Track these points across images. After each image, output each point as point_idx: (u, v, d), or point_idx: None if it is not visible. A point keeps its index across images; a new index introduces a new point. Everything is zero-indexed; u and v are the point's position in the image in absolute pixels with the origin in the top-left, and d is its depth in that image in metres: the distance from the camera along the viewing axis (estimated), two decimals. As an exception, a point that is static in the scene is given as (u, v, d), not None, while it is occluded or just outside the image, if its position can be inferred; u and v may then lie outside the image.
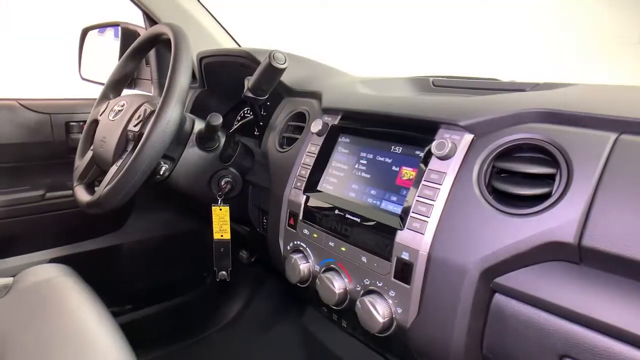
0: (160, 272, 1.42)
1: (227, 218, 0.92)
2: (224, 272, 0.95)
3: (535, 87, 0.67)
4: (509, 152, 0.51)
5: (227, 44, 1.30)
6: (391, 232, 0.56)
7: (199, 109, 1.15)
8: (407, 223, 0.54)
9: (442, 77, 0.90)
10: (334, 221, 0.64)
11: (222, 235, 0.92)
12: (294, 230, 0.71)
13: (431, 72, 0.93)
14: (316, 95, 0.79)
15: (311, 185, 0.70)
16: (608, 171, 0.43)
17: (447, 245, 0.51)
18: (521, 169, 0.49)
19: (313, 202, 0.69)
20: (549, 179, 0.47)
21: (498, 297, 0.49)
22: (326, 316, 0.74)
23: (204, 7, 1.24)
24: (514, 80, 0.75)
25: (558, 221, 0.44)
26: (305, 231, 0.69)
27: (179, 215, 1.41)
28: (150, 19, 1.18)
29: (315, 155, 0.71)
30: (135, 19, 1.29)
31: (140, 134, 0.79)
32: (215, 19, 1.27)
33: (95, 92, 1.06)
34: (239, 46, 1.32)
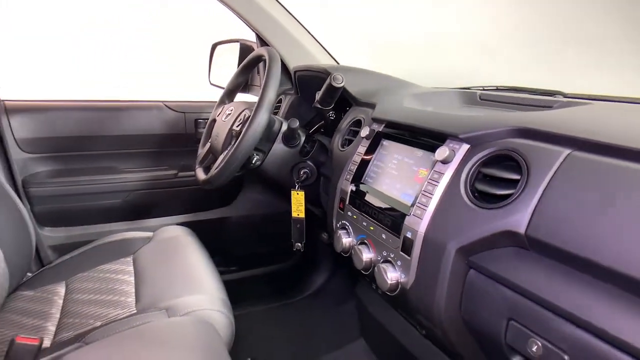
0: (259, 243, 1.72)
1: (303, 201, 1.15)
2: (298, 244, 1.19)
3: (563, 104, 0.77)
4: (494, 160, 0.64)
5: (324, 59, 1.52)
6: (403, 216, 0.73)
7: (292, 112, 1.41)
8: (412, 210, 0.71)
9: (494, 87, 1.01)
10: (368, 206, 0.83)
11: (298, 214, 1.16)
12: (342, 212, 0.91)
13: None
14: (372, 106, 0.98)
15: (357, 178, 0.89)
16: (555, 179, 0.55)
17: (436, 228, 0.66)
18: (496, 174, 0.62)
19: (357, 191, 0.88)
20: (516, 182, 0.60)
21: (471, 272, 0.63)
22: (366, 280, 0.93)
23: (304, 27, 1.48)
24: (555, 98, 0.84)
25: (513, 216, 0.57)
26: (349, 213, 0.88)
27: (275, 199, 1.70)
28: (260, 38, 1.46)
29: (362, 155, 0.90)
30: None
31: (240, 133, 1.06)
32: (314, 38, 1.50)
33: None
34: (336, 61, 1.54)
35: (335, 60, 1.54)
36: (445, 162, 0.69)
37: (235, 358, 0.87)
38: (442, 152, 0.69)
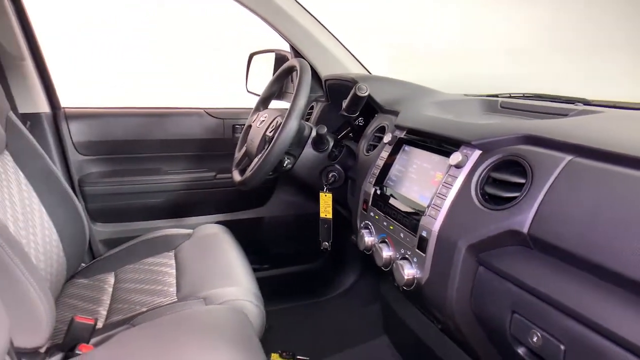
0: (290, 242, 1.81)
1: (330, 202, 1.22)
2: (326, 243, 1.26)
3: (578, 112, 0.81)
4: (502, 165, 0.69)
5: (355, 68, 1.59)
6: (419, 216, 0.78)
7: (323, 118, 1.48)
8: (428, 211, 0.77)
9: (520, 95, 1.06)
10: (389, 207, 0.89)
11: (326, 215, 1.23)
12: (365, 212, 0.97)
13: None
14: (395, 113, 1.04)
15: (379, 181, 0.95)
16: (557, 183, 0.60)
17: (449, 227, 0.72)
18: (504, 178, 0.67)
19: (379, 194, 0.94)
20: (522, 186, 0.65)
21: (480, 268, 0.68)
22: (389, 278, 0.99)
23: (335, 38, 1.55)
24: (574, 106, 0.88)
25: (517, 216, 0.62)
26: (372, 213, 0.95)
27: (306, 201, 1.78)
28: (294, 49, 1.55)
29: (385, 160, 0.96)
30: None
31: (272, 138, 1.14)
32: (346, 48, 1.58)
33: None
34: (367, 70, 1.61)
35: (367, 69, 1.61)
36: (458, 166, 0.74)
37: (265, 349, 0.94)
38: (455, 157, 0.74)
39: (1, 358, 0.79)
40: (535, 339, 0.59)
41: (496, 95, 1.12)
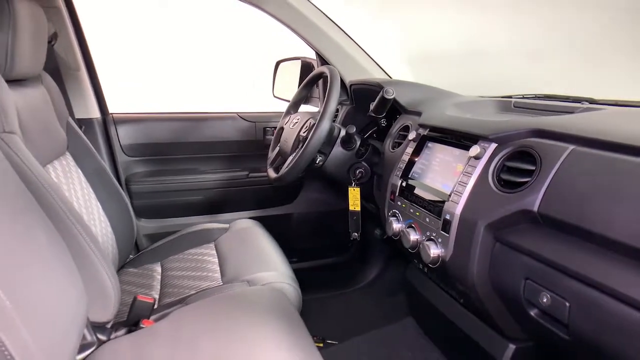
0: (317, 237, 1.93)
1: (358, 196, 1.34)
2: (355, 234, 1.37)
3: (584, 110, 0.92)
4: (515, 155, 0.80)
5: (377, 74, 1.71)
6: (442, 202, 0.90)
7: (348, 119, 1.61)
8: (450, 197, 0.88)
9: (532, 95, 1.16)
10: (415, 197, 1.00)
11: (354, 208, 1.35)
12: (393, 202, 1.09)
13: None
14: (418, 114, 1.16)
15: (405, 174, 1.07)
16: (561, 169, 0.71)
17: (469, 210, 0.83)
18: (517, 166, 0.78)
19: (405, 185, 1.06)
20: (532, 172, 0.76)
21: (497, 244, 0.80)
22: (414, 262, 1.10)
23: (358, 45, 1.68)
24: (580, 104, 0.98)
25: (528, 198, 0.73)
26: (399, 203, 1.06)
27: (333, 198, 1.90)
28: (320, 56, 1.68)
29: (410, 155, 1.07)
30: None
31: (306, 138, 1.26)
32: (368, 55, 1.70)
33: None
34: (388, 75, 1.72)
35: (388, 75, 1.73)
36: (477, 157, 0.86)
37: None
38: (474, 149, 0.85)
39: (82, 329, 0.93)
40: (545, 300, 0.70)
41: (510, 97, 1.23)
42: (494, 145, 0.84)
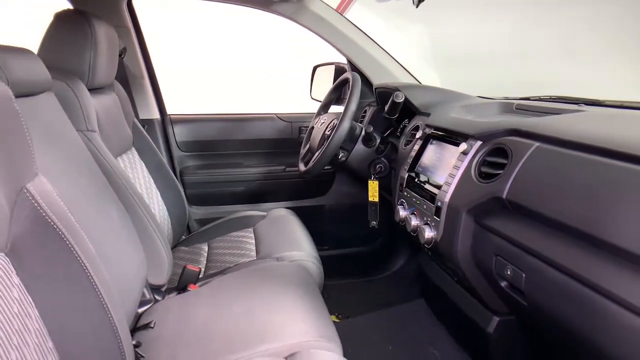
0: (348, 227, 2.10)
1: (377, 188, 1.50)
2: (374, 222, 1.54)
3: (570, 111, 1.03)
4: (494, 151, 0.94)
5: (405, 78, 1.86)
6: (436, 192, 1.05)
7: (374, 119, 1.76)
8: (442, 187, 1.03)
9: (537, 98, 1.27)
10: (417, 187, 1.16)
11: (373, 199, 1.51)
12: (401, 193, 1.25)
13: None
14: (428, 115, 1.30)
15: (412, 168, 1.22)
16: (527, 162, 0.84)
17: (455, 198, 0.98)
18: (494, 160, 0.92)
19: (411, 177, 1.21)
20: (505, 165, 0.89)
21: (476, 227, 0.94)
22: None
23: (386, 52, 1.83)
24: (577, 106, 1.09)
25: (499, 186, 0.86)
26: (405, 193, 1.22)
27: (360, 192, 2.06)
28: (350, 63, 1.85)
29: (416, 151, 1.23)
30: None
31: (329, 136, 1.44)
32: (396, 60, 1.85)
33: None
34: (417, 80, 1.86)
35: (416, 79, 1.86)
36: (465, 153, 1.00)
37: None
38: (463, 146, 1.00)
39: (142, 286, 1.16)
40: (509, 272, 0.84)
41: (528, 98, 1.34)
42: (479, 143, 0.98)
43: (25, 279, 0.62)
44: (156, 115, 1.88)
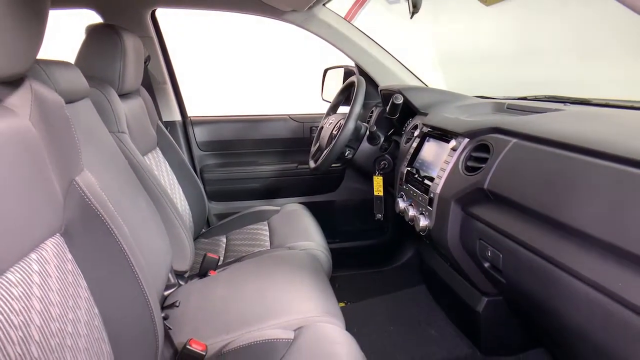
0: (357, 221, 2.22)
1: (381, 183, 1.61)
2: (379, 215, 1.65)
3: (553, 110, 1.12)
4: (479, 147, 1.04)
5: (410, 80, 1.96)
6: (430, 184, 1.15)
7: (380, 119, 1.87)
8: (435, 180, 1.14)
9: (533, 97, 1.36)
10: (414, 181, 1.27)
11: (378, 193, 1.63)
12: (401, 186, 1.36)
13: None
14: (426, 115, 1.41)
15: (410, 163, 1.33)
16: (505, 157, 0.94)
17: (445, 189, 1.08)
18: (478, 155, 1.02)
19: (409, 172, 1.32)
20: (487, 159, 0.99)
21: (463, 215, 1.04)
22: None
23: (392, 55, 1.94)
24: (563, 105, 1.18)
25: (481, 178, 0.97)
26: (404, 186, 1.33)
27: (370, 188, 2.17)
28: (358, 66, 1.96)
29: (414, 148, 1.33)
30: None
31: (336, 136, 1.56)
32: (401, 64, 1.95)
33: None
34: (423, 83, 1.96)
35: (422, 82, 1.96)
36: (454, 149, 1.10)
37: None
38: (452, 143, 1.11)
39: (168, 271, 1.30)
40: (489, 254, 0.95)
41: (524, 98, 1.43)
42: (466, 140, 1.09)
43: (76, 255, 0.76)
44: (178, 117, 2.03)
